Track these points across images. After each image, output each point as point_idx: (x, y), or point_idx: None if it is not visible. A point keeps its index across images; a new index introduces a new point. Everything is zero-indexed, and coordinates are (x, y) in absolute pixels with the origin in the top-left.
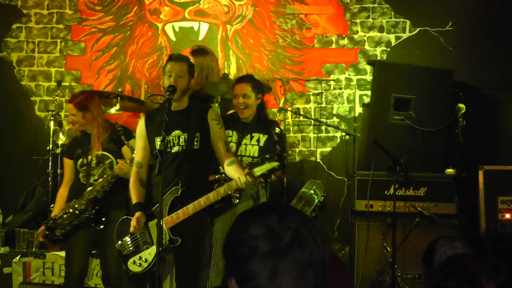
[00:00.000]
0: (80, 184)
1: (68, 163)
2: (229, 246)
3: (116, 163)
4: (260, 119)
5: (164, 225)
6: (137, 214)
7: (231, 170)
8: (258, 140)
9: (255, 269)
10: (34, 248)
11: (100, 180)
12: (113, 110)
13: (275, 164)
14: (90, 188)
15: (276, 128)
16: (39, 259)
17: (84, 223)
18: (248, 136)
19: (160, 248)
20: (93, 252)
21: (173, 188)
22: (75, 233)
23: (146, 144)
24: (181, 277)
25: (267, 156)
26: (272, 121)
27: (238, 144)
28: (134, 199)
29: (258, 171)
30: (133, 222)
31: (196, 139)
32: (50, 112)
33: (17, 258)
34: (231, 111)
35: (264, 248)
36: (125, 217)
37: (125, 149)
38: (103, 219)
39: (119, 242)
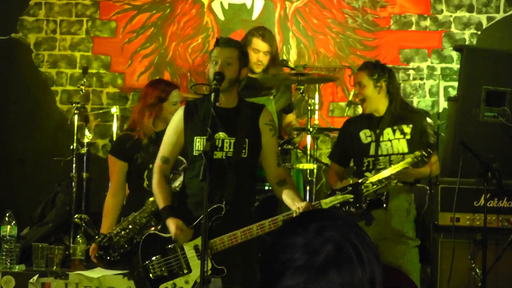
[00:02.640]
0: (145, 192)
1: (119, 165)
2: (262, 258)
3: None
4: (393, 112)
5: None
6: (173, 222)
7: (285, 195)
8: (402, 132)
9: (286, 286)
10: (54, 267)
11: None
12: None
13: (348, 196)
14: (152, 198)
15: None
16: (60, 279)
17: None
18: (389, 129)
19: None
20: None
21: (215, 206)
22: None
23: (179, 141)
24: None
25: (338, 186)
26: (413, 113)
27: (377, 141)
28: (161, 201)
29: (327, 203)
30: (173, 231)
31: (245, 146)
32: (74, 105)
33: (35, 278)
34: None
35: (297, 262)
36: (152, 232)
37: None
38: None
39: (147, 261)
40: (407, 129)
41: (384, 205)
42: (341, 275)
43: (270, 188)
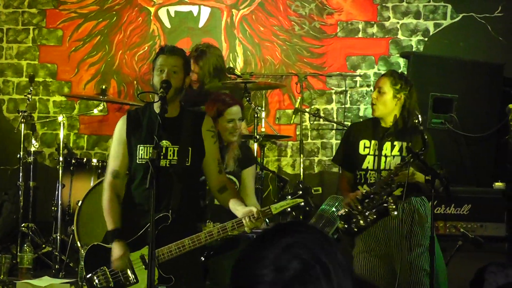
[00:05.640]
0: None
1: None
2: (235, 272)
3: (239, 189)
4: (404, 126)
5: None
6: (119, 246)
7: (228, 203)
8: (400, 150)
9: None
10: (1, 275)
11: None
12: (95, 111)
13: (299, 201)
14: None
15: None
16: None
17: None
18: (388, 144)
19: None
20: None
21: (162, 215)
22: None
23: (126, 151)
24: None
25: (289, 191)
26: (419, 130)
27: (379, 156)
28: (110, 222)
29: (277, 208)
30: (115, 255)
31: (188, 154)
32: (20, 113)
33: None
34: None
35: (266, 278)
36: (95, 243)
37: (249, 176)
38: None
39: (89, 275)
40: (405, 146)
41: (395, 212)
42: None
43: None
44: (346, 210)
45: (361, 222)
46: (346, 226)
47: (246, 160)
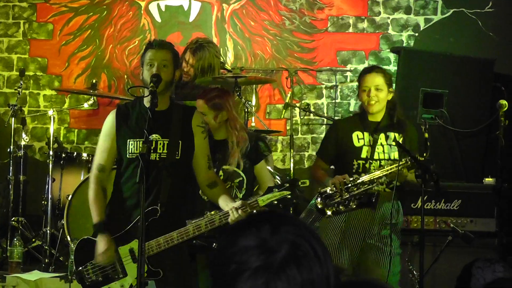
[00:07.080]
0: (200, 201)
1: None
2: (215, 262)
3: (246, 183)
4: (392, 120)
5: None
6: (103, 240)
7: (217, 197)
8: (395, 139)
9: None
10: None
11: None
12: (86, 105)
13: (286, 193)
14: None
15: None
16: None
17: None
18: (383, 135)
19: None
20: None
21: (150, 208)
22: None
23: (113, 146)
24: None
25: (278, 182)
26: (406, 121)
27: (373, 146)
28: (95, 215)
29: (264, 200)
30: (100, 250)
31: (178, 147)
32: (11, 107)
33: None
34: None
35: (254, 263)
36: (85, 237)
37: (262, 170)
38: None
39: (81, 267)
40: (399, 137)
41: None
42: (301, 272)
43: None
44: (330, 189)
45: (341, 207)
46: (322, 205)
47: (256, 155)
